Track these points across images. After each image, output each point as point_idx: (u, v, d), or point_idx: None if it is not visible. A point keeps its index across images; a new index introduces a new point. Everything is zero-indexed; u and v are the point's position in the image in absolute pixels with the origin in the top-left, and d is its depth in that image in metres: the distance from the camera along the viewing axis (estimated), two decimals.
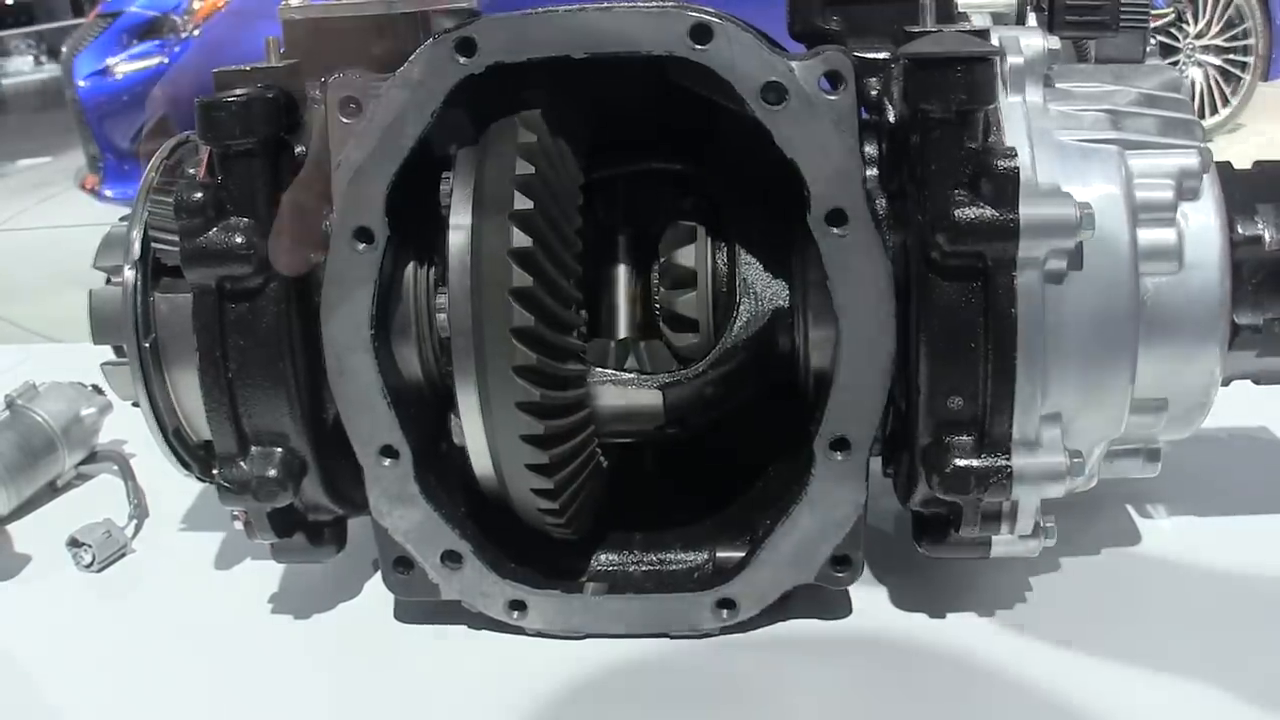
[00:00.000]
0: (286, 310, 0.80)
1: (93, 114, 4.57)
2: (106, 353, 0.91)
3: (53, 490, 1.15)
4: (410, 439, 0.82)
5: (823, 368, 0.82)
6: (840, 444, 0.79)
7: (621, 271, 0.88)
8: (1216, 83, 5.07)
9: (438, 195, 0.80)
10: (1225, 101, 5.09)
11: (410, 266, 0.83)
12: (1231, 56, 5.09)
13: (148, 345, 0.85)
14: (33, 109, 10.04)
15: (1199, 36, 5.04)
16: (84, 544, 1.01)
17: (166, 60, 4.40)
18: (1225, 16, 5.05)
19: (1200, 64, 5.05)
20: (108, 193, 4.55)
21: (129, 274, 0.85)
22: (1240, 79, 5.09)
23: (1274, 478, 1.05)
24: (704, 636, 0.85)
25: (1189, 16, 4.96)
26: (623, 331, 0.87)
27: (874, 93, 0.81)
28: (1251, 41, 5.07)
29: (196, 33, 4.41)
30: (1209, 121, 4.93)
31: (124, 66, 4.52)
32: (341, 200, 0.78)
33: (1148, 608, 0.87)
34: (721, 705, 0.81)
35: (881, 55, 0.81)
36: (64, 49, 5.21)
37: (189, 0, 4.51)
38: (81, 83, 4.62)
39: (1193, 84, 5.02)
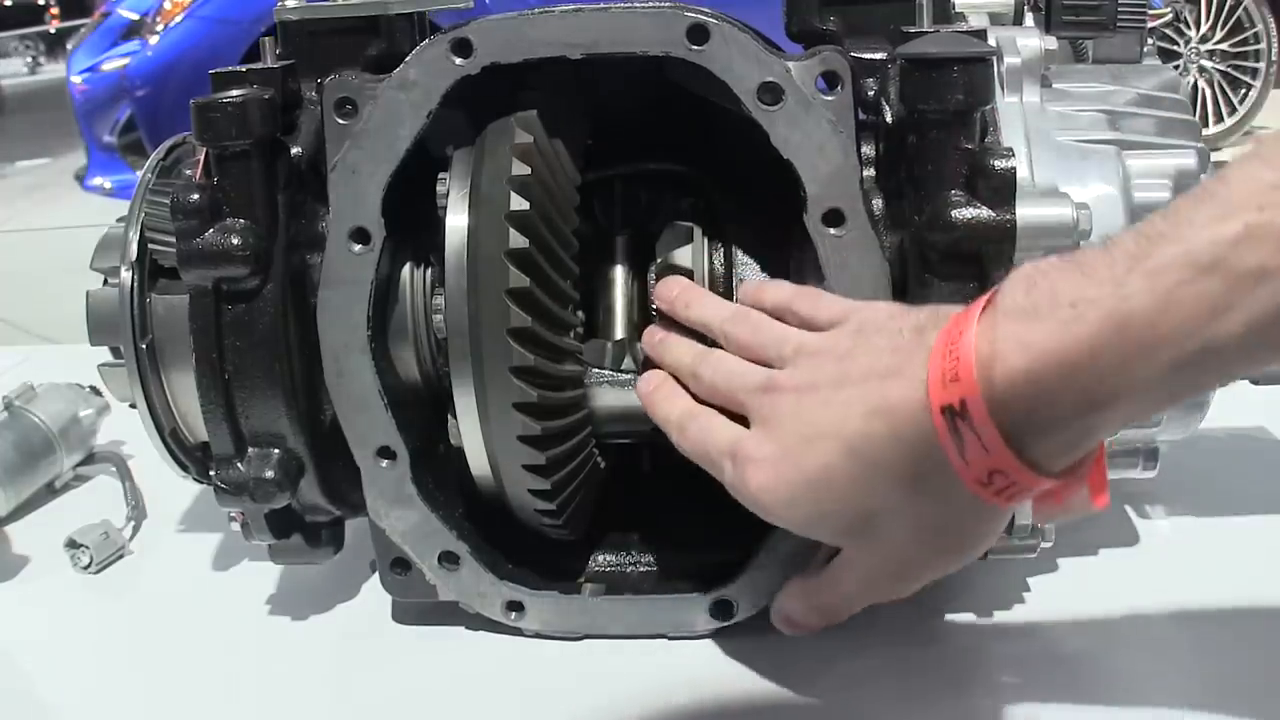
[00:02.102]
0: (283, 311, 0.80)
1: (81, 109, 4.77)
2: (104, 354, 0.91)
3: (50, 491, 1.15)
4: (407, 440, 0.82)
5: None
6: None
7: (618, 272, 0.88)
8: (1221, 89, 4.98)
9: (434, 196, 0.80)
10: (1231, 109, 4.99)
11: (407, 267, 0.83)
12: (1238, 63, 5.00)
13: (144, 346, 0.84)
14: (32, 110, 10.05)
15: (1202, 41, 4.96)
16: (82, 545, 1.01)
17: (128, 61, 4.59)
18: (1231, 21, 4.95)
19: (1204, 70, 4.96)
20: (98, 182, 4.75)
21: (126, 275, 0.85)
22: (1249, 86, 4.99)
23: (1273, 478, 1.05)
24: (701, 638, 0.85)
25: (1189, 20, 4.88)
26: (620, 332, 0.87)
27: (871, 93, 0.80)
28: (1261, 46, 4.98)
29: (162, 28, 4.57)
30: (1215, 129, 4.87)
31: (108, 65, 4.72)
32: (338, 201, 0.78)
33: (1146, 608, 0.87)
34: (719, 706, 0.80)
35: (879, 55, 0.81)
36: (69, 46, 5.42)
37: (161, 2, 4.66)
38: (75, 78, 4.78)
39: (1196, 89, 4.94)
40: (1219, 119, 4.92)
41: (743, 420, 0.71)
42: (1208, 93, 4.92)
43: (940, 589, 0.88)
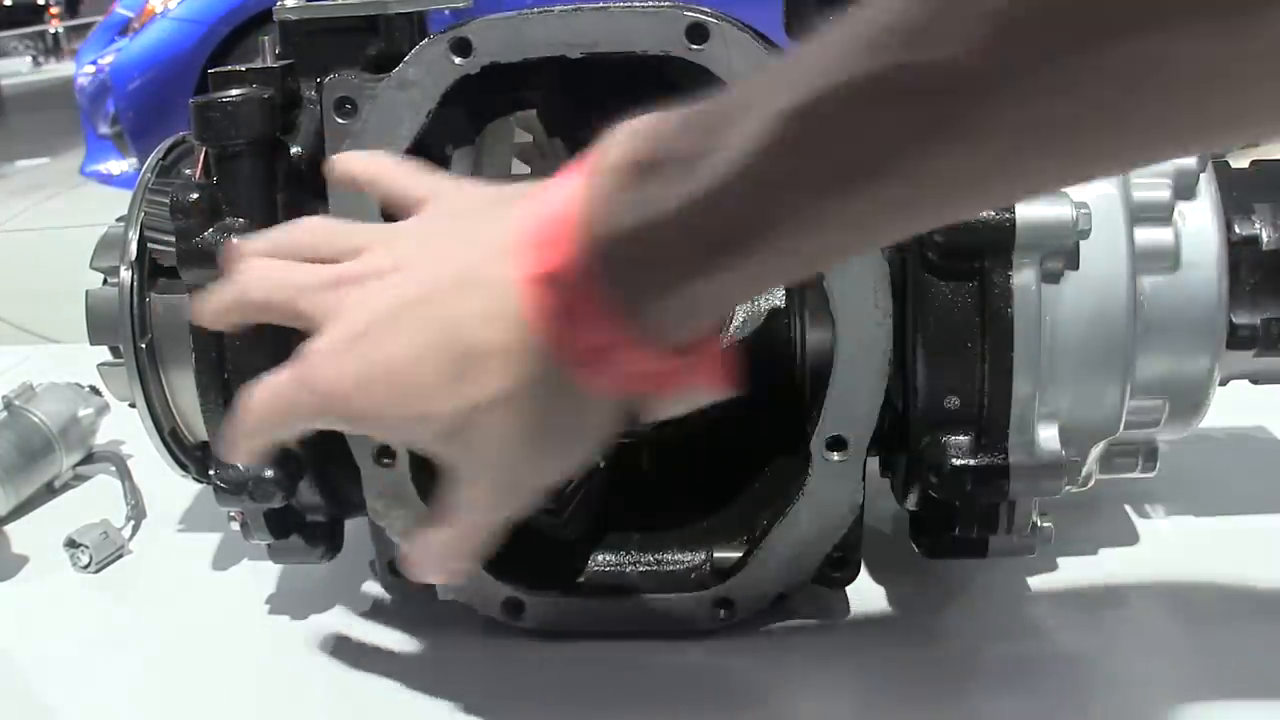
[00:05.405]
0: None
1: (82, 101, 5.00)
2: (103, 353, 0.91)
3: (50, 491, 1.15)
4: None
5: (819, 367, 0.82)
6: (837, 444, 0.79)
7: None
8: None
9: None
10: None
11: None
12: None
13: (144, 346, 0.85)
14: (32, 109, 10.05)
15: None
16: (81, 544, 1.01)
17: (111, 58, 4.81)
18: None
19: None
20: (94, 168, 4.97)
21: (125, 275, 0.85)
22: None
23: (1272, 478, 1.05)
24: (702, 637, 0.85)
25: None
26: None
27: None
28: None
29: (139, 26, 4.77)
30: None
31: (104, 59, 4.93)
32: (337, 201, 0.78)
33: (1145, 607, 0.87)
34: (719, 705, 0.80)
35: None
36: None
37: (145, 1, 4.85)
38: (87, 69, 5.00)
39: None
40: None
41: None
42: None
43: (939, 588, 0.89)
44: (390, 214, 0.78)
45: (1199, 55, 0.37)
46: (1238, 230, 0.80)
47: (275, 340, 0.80)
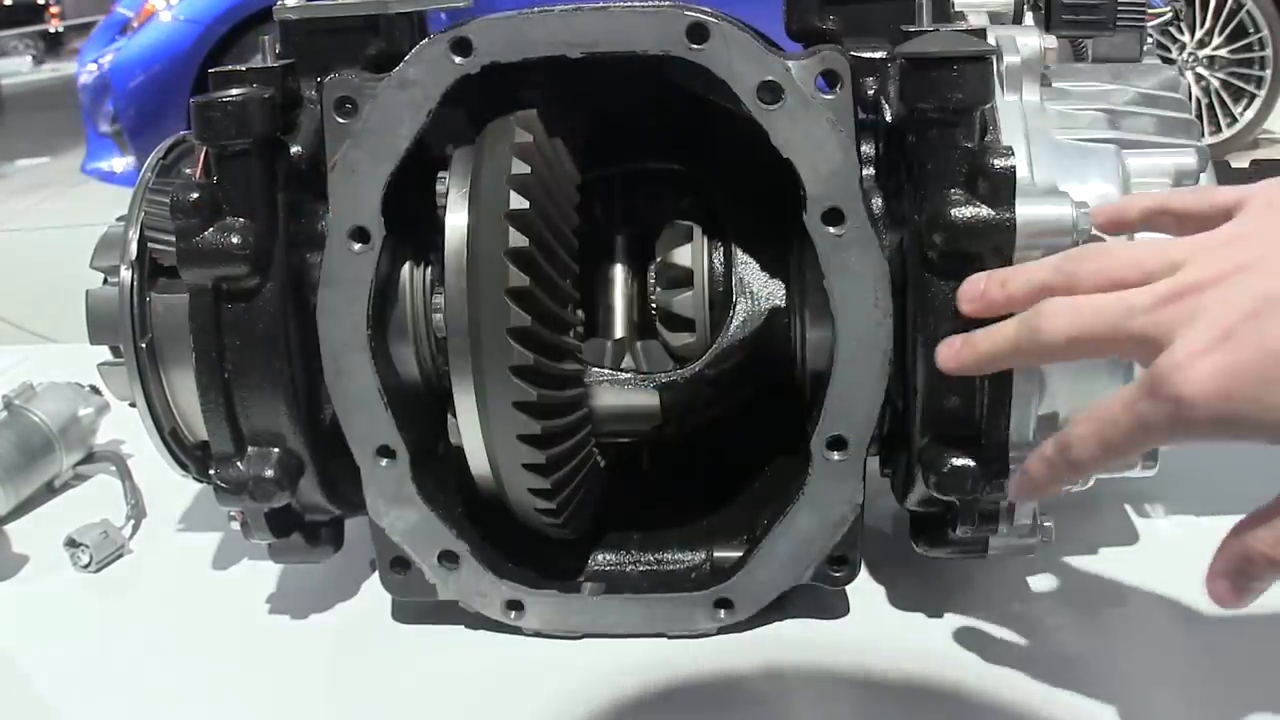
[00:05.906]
0: (283, 311, 0.80)
1: (84, 99, 5.09)
2: (104, 353, 0.91)
3: (50, 490, 1.15)
4: (407, 439, 0.82)
5: (820, 367, 0.82)
6: (837, 444, 0.79)
7: (618, 271, 0.88)
8: (1219, 96, 4.87)
9: (434, 195, 0.80)
10: (1231, 120, 4.88)
11: (407, 266, 0.83)
12: (1238, 70, 4.87)
13: (144, 346, 0.85)
14: (32, 109, 10.05)
15: (1200, 46, 4.84)
16: (81, 544, 1.01)
17: (110, 56, 4.88)
18: (1230, 26, 4.82)
19: (1200, 77, 4.84)
20: (95, 165, 5.03)
21: (126, 274, 0.85)
22: (1253, 95, 4.86)
23: (1273, 478, 1.04)
24: (701, 636, 0.85)
25: (1183, 24, 4.77)
26: (619, 331, 0.87)
27: (871, 92, 0.81)
28: (1267, 53, 4.85)
29: (137, 26, 4.85)
30: (1210, 141, 4.77)
31: (105, 58, 5.01)
32: (337, 201, 0.78)
33: (1145, 607, 0.87)
34: (719, 705, 0.80)
35: (878, 54, 0.81)
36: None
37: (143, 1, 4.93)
38: (89, 67, 5.08)
39: (1192, 98, 4.81)
40: (1216, 129, 4.77)
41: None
42: (1203, 102, 4.76)
43: (939, 588, 0.89)
44: (390, 206, 0.78)
45: None
46: None
47: (276, 341, 0.80)
